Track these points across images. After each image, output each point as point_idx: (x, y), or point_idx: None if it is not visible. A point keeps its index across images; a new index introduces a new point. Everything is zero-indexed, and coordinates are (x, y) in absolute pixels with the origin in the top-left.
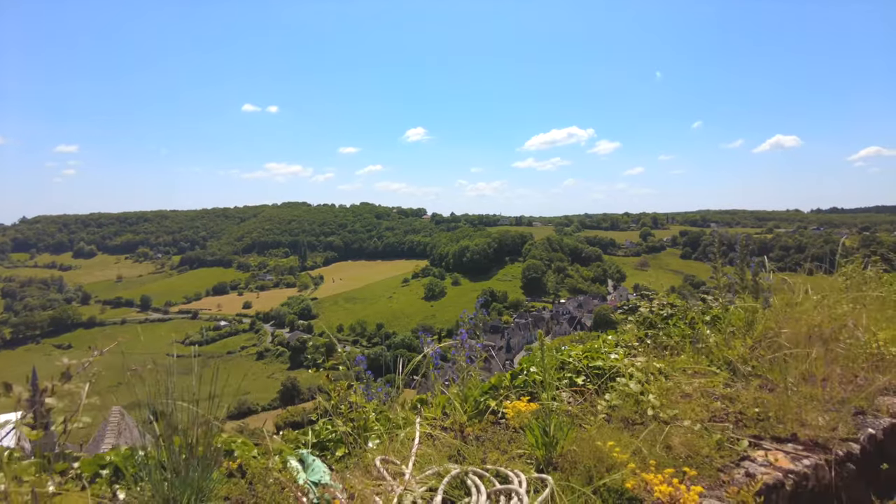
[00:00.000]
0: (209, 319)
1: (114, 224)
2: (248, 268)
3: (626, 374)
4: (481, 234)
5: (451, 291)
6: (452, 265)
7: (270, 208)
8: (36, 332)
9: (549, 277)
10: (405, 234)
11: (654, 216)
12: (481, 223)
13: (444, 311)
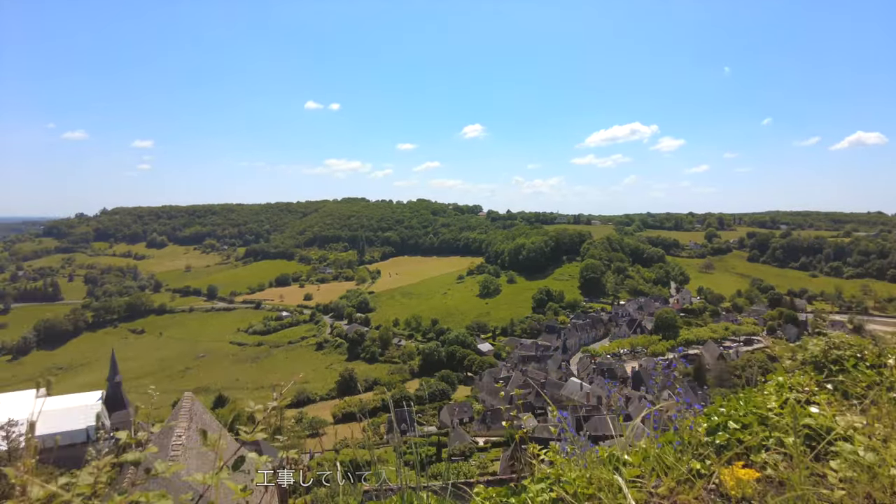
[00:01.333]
0: (272, 310)
1: (183, 216)
2: (309, 261)
3: (845, 434)
4: (538, 232)
5: (506, 289)
6: (508, 263)
7: (331, 203)
8: (114, 316)
9: (609, 278)
10: (460, 231)
11: (720, 216)
12: (538, 221)
13: (498, 309)
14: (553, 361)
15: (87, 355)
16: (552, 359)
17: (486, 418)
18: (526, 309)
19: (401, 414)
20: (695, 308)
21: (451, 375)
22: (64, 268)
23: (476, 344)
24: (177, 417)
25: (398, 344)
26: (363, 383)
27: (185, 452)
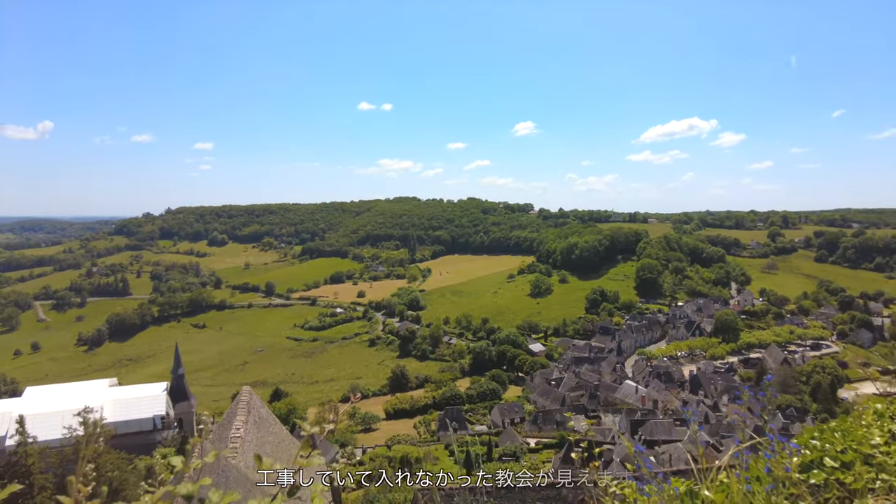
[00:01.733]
0: (326, 306)
1: (243, 215)
2: (362, 259)
3: None
4: (591, 231)
5: (557, 289)
6: (560, 262)
7: (383, 203)
8: (177, 311)
9: (666, 278)
10: (511, 230)
11: (785, 215)
12: (591, 219)
13: (549, 309)
14: (607, 363)
15: (153, 348)
16: (606, 361)
17: (538, 419)
18: (579, 309)
19: (452, 412)
20: (757, 310)
21: (501, 375)
22: (132, 264)
23: (527, 344)
24: (235, 410)
25: (449, 342)
26: (414, 380)
27: (243, 445)
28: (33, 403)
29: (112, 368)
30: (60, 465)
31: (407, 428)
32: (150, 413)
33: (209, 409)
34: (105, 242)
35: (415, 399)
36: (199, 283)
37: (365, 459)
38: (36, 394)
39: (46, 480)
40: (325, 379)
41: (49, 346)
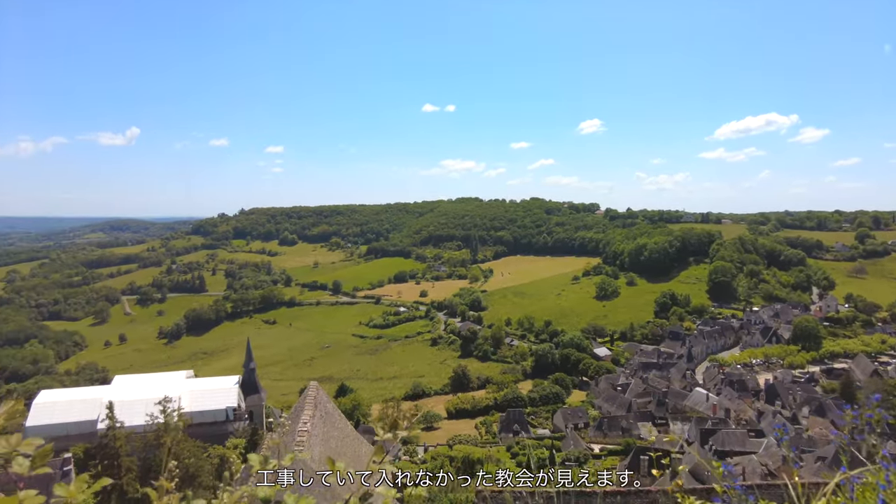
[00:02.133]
0: (390, 305)
1: (312, 216)
2: (424, 259)
3: None
4: (661, 232)
5: (625, 292)
6: (628, 264)
7: (445, 203)
8: (249, 307)
9: (740, 282)
10: (576, 230)
11: (875, 215)
12: (661, 219)
13: (616, 312)
14: (677, 370)
15: (227, 342)
16: (676, 367)
17: (603, 425)
18: (647, 313)
19: (513, 414)
20: (842, 317)
21: (565, 379)
22: (208, 263)
23: (592, 348)
24: (303, 405)
25: (510, 344)
26: (476, 381)
27: (309, 440)
28: (120, 391)
29: (189, 361)
30: (143, 449)
31: (468, 428)
32: (224, 405)
33: (278, 402)
34: (183, 241)
35: (476, 400)
36: (271, 281)
37: (426, 457)
38: (123, 382)
39: (132, 463)
40: (389, 376)
41: (134, 338)
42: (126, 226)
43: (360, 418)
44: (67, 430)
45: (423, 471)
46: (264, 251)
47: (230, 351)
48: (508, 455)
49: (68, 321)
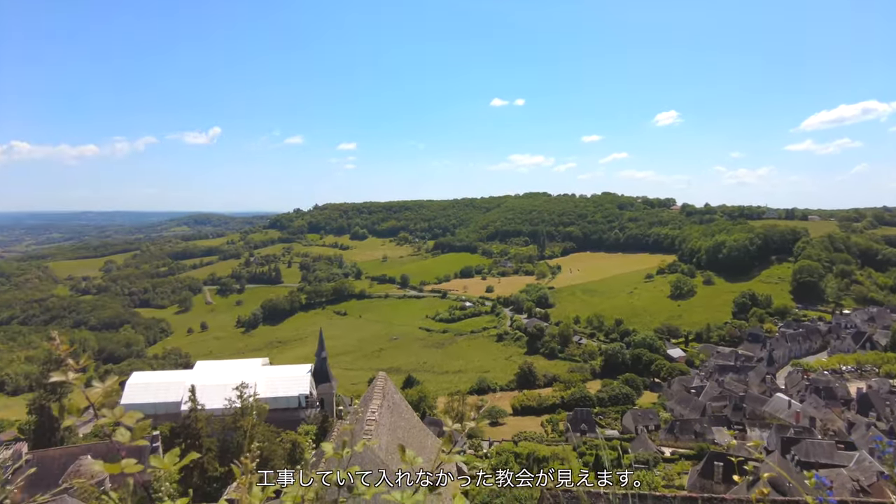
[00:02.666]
0: (456, 300)
1: (381, 211)
2: (490, 254)
3: None
4: (741, 228)
5: (701, 291)
6: (705, 262)
7: (513, 199)
8: (322, 299)
9: (829, 282)
10: (650, 226)
11: None
12: (741, 215)
13: (692, 312)
14: (756, 373)
15: (300, 332)
16: (755, 370)
17: (675, 428)
18: (725, 314)
19: (581, 413)
20: None
21: (635, 379)
22: (284, 255)
23: (665, 349)
24: (371, 394)
25: (579, 342)
26: (542, 378)
27: (377, 428)
28: (202, 376)
29: (264, 349)
30: (222, 431)
31: (534, 425)
32: (296, 392)
33: (348, 391)
34: (261, 235)
35: (542, 397)
36: (342, 274)
37: (491, 452)
38: (204, 367)
39: (211, 443)
40: (454, 370)
41: (214, 326)
42: (208, 220)
43: (426, 410)
44: (155, 410)
45: (490, 465)
46: (336, 245)
47: (303, 340)
48: (575, 454)
49: (156, 309)
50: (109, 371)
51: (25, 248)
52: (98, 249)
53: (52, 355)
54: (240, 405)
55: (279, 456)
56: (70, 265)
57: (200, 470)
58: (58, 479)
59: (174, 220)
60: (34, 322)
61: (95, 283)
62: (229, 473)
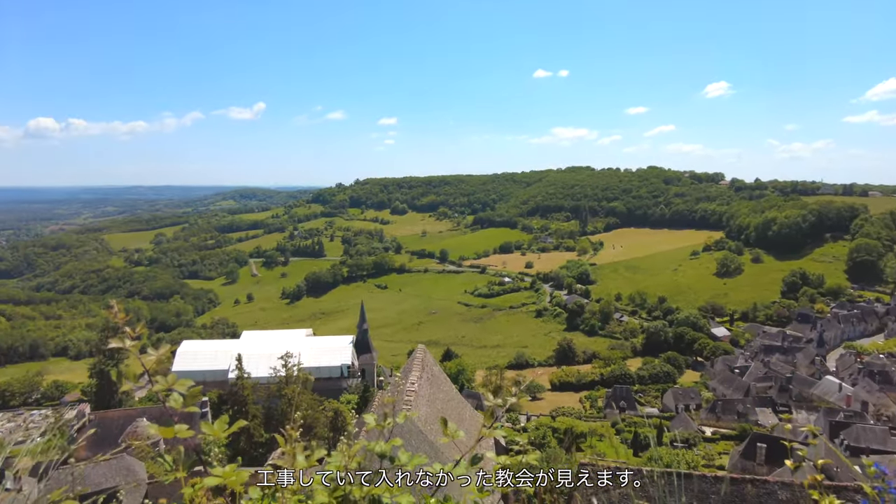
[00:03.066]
0: (495, 275)
1: (421, 186)
2: (531, 230)
3: None
4: (794, 205)
5: (749, 269)
6: (753, 239)
7: (554, 173)
8: (363, 272)
9: (889, 262)
10: (697, 202)
11: None
12: (794, 191)
13: (738, 290)
14: (804, 355)
15: (342, 304)
16: (803, 352)
17: (717, 408)
18: (773, 293)
19: (620, 391)
20: None
21: (677, 358)
22: (326, 229)
23: (709, 327)
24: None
25: (620, 319)
26: (581, 355)
27: (416, 399)
28: (248, 345)
29: (308, 320)
30: (267, 399)
31: (572, 401)
32: (339, 362)
33: (388, 362)
34: (304, 209)
35: (581, 374)
36: (382, 248)
37: (529, 427)
38: (250, 337)
39: (257, 410)
40: (493, 344)
41: (259, 297)
42: (253, 194)
43: (464, 383)
44: (204, 377)
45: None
46: (377, 219)
47: (345, 312)
48: (613, 431)
49: (204, 280)
50: (161, 339)
51: (83, 220)
52: (149, 222)
53: (110, 323)
54: (284, 374)
55: (322, 424)
56: (123, 237)
57: (247, 436)
58: (117, 439)
59: (220, 195)
60: (92, 291)
61: (147, 254)
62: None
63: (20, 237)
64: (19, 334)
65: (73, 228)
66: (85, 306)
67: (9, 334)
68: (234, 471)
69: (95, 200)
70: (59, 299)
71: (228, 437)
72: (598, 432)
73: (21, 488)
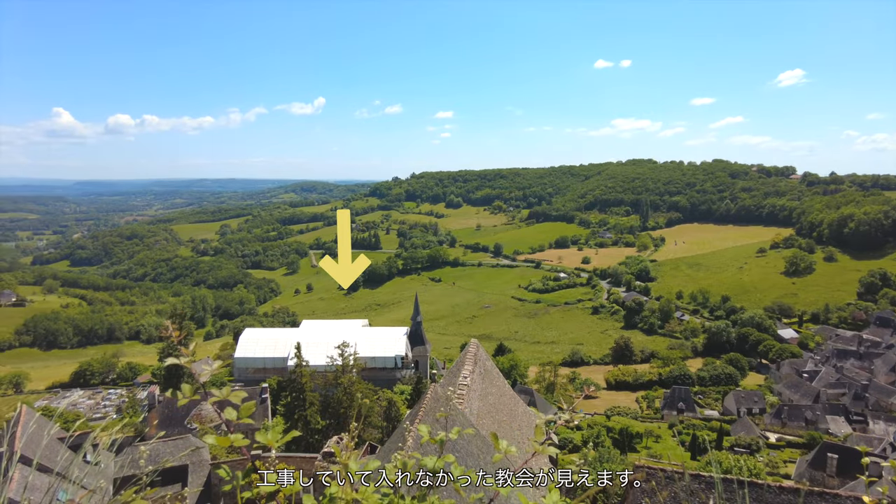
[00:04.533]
0: (550, 270)
1: (476, 180)
2: (588, 224)
3: None
4: (875, 200)
5: (821, 268)
6: (827, 237)
7: (614, 166)
8: (417, 265)
9: None
10: (765, 197)
11: None
12: (875, 185)
13: (808, 291)
14: (883, 361)
15: (397, 296)
16: (882, 358)
17: (782, 413)
18: (848, 294)
19: (679, 392)
20: None
21: (740, 360)
22: (383, 222)
23: (775, 329)
24: (464, 360)
25: (681, 318)
26: (639, 354)
27: (468, 393)
28: (307, 334)
29: (364, 311)
30: (324, 387)
31: (628, 401)
32: (393, 353)
33: (441, 354)
34: (362, 202)
35: (638, 373)
36: (437, 242)
37: (583, 425)
38: (309, 326)
39: (314, 398)
40: (547, 340)
41: (318, 288)
42: (313, 187)
43: (517, 378)
44: (265, 364)
45: (581, 438)
46: (432, 213)
47: (400, 304)
48: (670, 433)
49: (266, 270)
50: (225, 326)
51: (154, 212)
52: (214, 214)
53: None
54: (341, 363)
55: (376, 413)
56: (190, 228)
57: (304, 422)
58: (183, 420)
59: (282, 188)
60: (162, 279)
61: (213, 244)
62: (330, 426)
63: (99, 227)
64: (98, 318)
65: (146, 219)
66: (155, 293)
67: (90, 318)
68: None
69: (165, 192)
70: (132, 286)
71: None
72: (654, 433)
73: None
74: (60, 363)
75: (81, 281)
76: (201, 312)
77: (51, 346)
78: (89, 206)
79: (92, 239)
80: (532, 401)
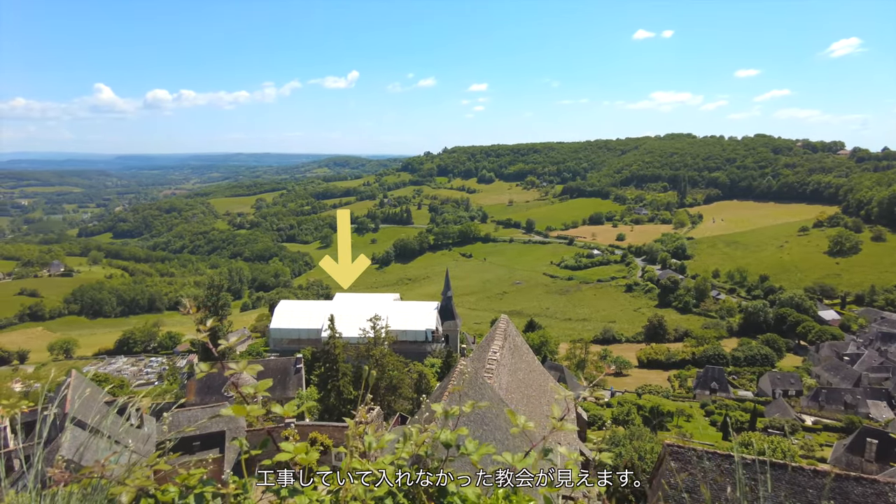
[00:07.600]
0: (583, 247)
1: (508, 154)
2: (624, 200)
3: None
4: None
5: (868, 248)
6: (875, 215)
7: (652, 140)
8: (449, 241)
9: None
10: (809, 174)
11: None
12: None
13: (853, 271)
14: None
15: (428, 271)
16: None
17: (820, 396)
18: (895, 275)
19: (713, 371)
20: None
21: (777, 341)
22: (415, 197)
23: (816, 310)
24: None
25: (716, 297)
26: (673, 332)
27: (498, 368)
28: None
29: (395, 285)
30: (356, 358)
31: (660, 380)
32: (424, 327)
33: (471, 329)
34: (393, 178)
35: (671, 352)
36: (468, 217)
37: (613, 402)
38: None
39: (347, 368)
40: (578, 318)
41: None
42: (346, 162)
43: (546, 355)
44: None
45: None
46: (463, 188)
47: (431, 279)
48: (702, 412)
49: (300, 244)
50: (261, 298)
51: (192, 186)
52: (250, 188)
53: (193, 317)
54: (373, 335)
55: (407, 385)
56: (227, 202)
57: (337, 392)
58: (220, 389)
59: (316, 162)
60: (200, 252)
61: (248, 218)
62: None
63: (139, 200)
64: (140, 289)
65: (183, 193)
66: (193, 265)
67: (131, 288)
68: (304, 448)
69: (202, 167)
70: (171, 258)
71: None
72: (685, 412)
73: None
74: (105, 331)
75: (123, 253)
76: (238, 284)
77: (96, 314)
78: (130, 179)
79: (133, 212)
80: (562, 377)
